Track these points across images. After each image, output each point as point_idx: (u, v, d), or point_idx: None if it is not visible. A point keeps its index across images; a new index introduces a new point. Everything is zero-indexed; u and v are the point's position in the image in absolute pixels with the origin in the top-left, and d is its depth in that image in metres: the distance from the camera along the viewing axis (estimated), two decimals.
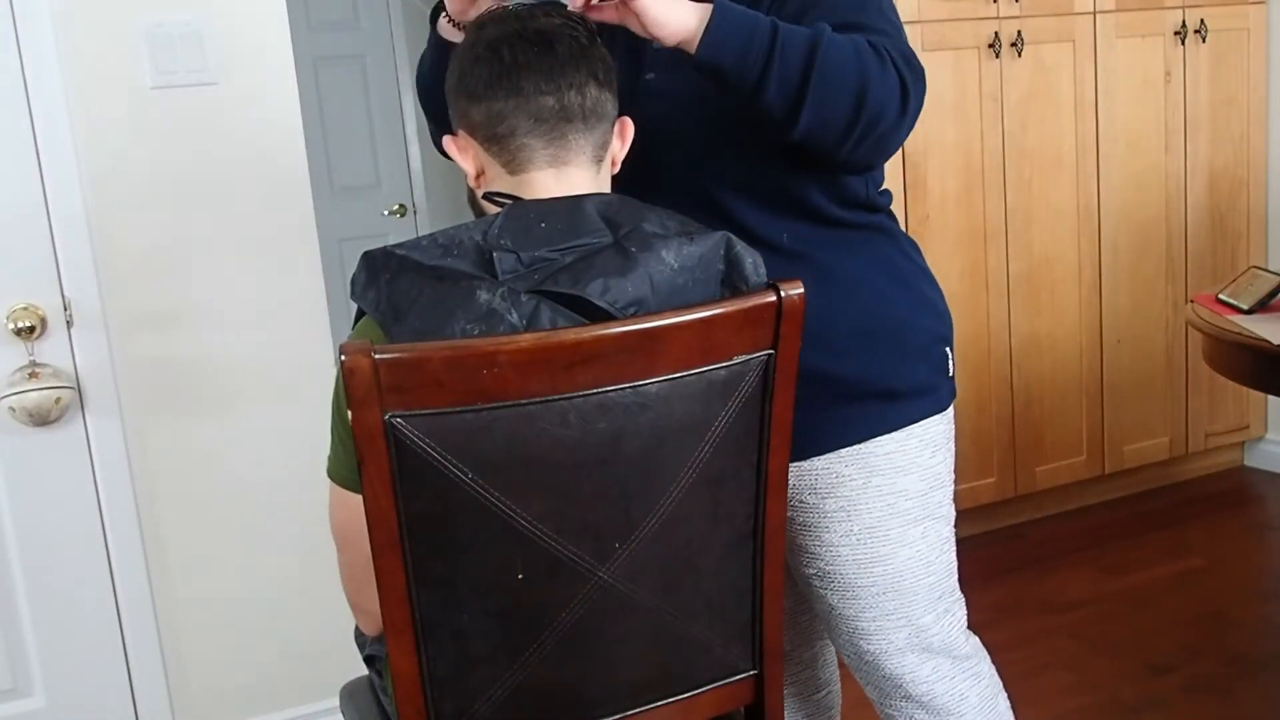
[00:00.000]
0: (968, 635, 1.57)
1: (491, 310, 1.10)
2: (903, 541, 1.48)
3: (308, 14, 4.22)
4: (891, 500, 1.47)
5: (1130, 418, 3.57)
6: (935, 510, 1.51)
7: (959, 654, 1.54)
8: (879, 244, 1.51)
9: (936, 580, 1.51)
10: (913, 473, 1.48)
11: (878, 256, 1.50)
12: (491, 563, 1.11)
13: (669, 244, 1.17)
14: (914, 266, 1.54)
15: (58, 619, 2.25)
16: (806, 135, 1.28)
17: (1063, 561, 3.25)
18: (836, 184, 1.44)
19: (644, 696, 1.22)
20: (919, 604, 1.50)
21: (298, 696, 2.43)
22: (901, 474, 1.47)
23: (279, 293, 2.31)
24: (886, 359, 1.47)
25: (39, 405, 2.10)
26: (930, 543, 1.50)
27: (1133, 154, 3.45)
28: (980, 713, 1.55)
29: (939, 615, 1.52)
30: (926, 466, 1.49)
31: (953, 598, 1.55)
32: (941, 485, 1.52)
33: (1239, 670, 2.59)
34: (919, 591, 1.49)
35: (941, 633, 1.52)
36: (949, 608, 1.53)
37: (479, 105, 1.23)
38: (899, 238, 1.54)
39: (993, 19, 3.17)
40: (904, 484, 1.47)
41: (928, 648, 1.51)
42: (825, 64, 1.24)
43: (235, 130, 2.24)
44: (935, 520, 1.51)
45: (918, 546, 1.49)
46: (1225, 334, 2.23)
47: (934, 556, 1.50)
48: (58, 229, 2.14)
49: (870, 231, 1.50)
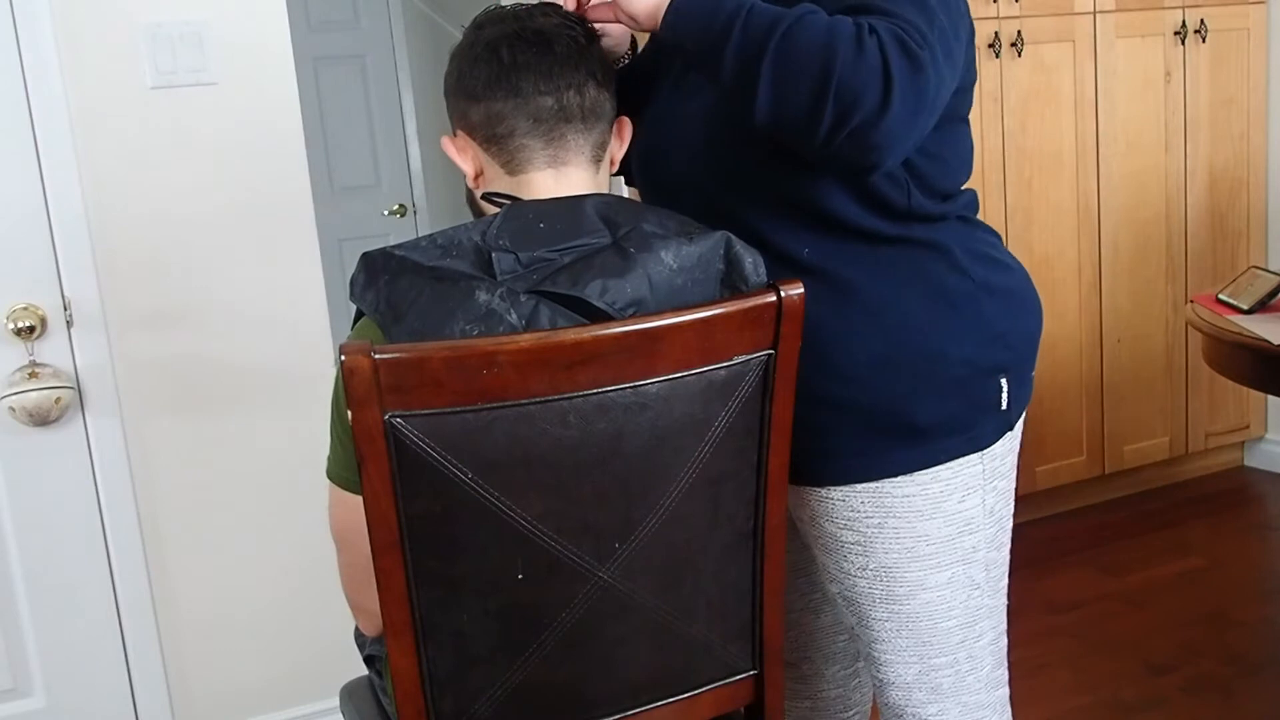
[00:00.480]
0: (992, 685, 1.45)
1: (491, 310, 1.10)
2: (923, 585, 1.37)
3: (308, 14, 4.22)
4: (910, 544, 1.35)
5: (1130, 418, 3.57)
6: (968, 556, 1.37)
7: (968, 701, 1.43)
8: (923, 260, 1.33)
9: (957, 626, 1.40)
10: (936, 518, 1.35)
11: (918, 274, 1.33)
12: (491, 563, 1.11)
13: (668, 244, 1.17)
14: (969, 284, 1.35)
15: (58, 619, 2.25)
16: (770, 120, 1.14)
17: (1063, 561, 3.24)
18: (866, 191, 1.29)
19: (644, 696, 1.22)
20: (933, 647, 1.40)
21: (298, 696, 2.43)
22: (922, 519, 1.35)
23: (279, 293, 2.31)
24: (908, 391, 1.32)
25: (39, 405, 2.10)
26: (955, 589, 1.38)
27: (1133, 154, 3.44)
28: None
29: (954, 660, 1.41)
30: (954, 511, 1.35)
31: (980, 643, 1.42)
32: (974, 530, 1.37)
33: (1239, 670, 2.59)
34: (936, 635, 1.39)
35: (954, 677, 1.41)
36: (973, 654, 1.41)
37: (478, 106, 1.23)
38: (955, 251, 1.35)
39: (993, 19, 3.17)
40: (924, 529, 1.35)
41: (936, 689, 1.42)
42: (786, 41, 1.11)
43: (235, 130, 2.24)
44: (966, 565, 1.38)
45: (940, 592, 1.37)
46: (1225, 334, 2.23)
47: (958, 602, 1.38)
48: (58, 229, 2.14)
49: (913, 246, 1.33)
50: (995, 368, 1.36)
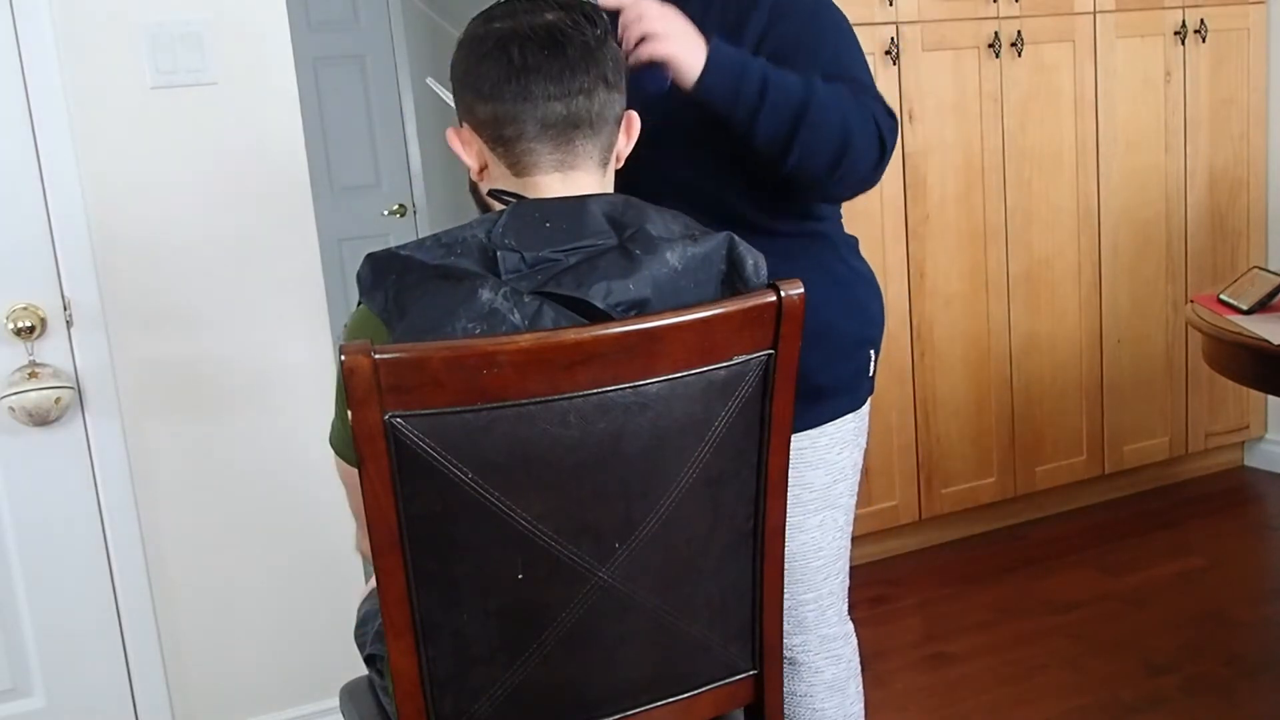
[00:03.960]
0: (844, 619, 1.70)
1: (494, 310, 1.10)
2: (800, 529, 1.60)
3: (308, 14, 4.21)
4: (796, 493, 1.56)
5: (1130, 418, 3.57)
6: (835, 501, 1.63)
7: (826, 633, 1.67)
8: (816, 250, 1.61)
9: (824, 564, 1.64)
10: (819, 468, 1.60)
11: (814, 261, 1.59)
12: (491, 563, 1.11)
13: (673, 246, 1.17)
14: (849, 271, 1.65)
15: (58, 619, 2.25)
16: (792, 174, 1.46)
17: (1062, 561, 3.25)
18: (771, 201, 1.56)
19: (644, 696, 1.22)
20: (802, 584, 1.62)
21: (298, 696, 2.43)
22: (809, 468, 1.59)
23: (279, 293, 2.31)
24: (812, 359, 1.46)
25: (39, 405, 2.10)
26: (825, 531, 1.63)
27: (1133, 154, 3.44)
28: (830, 688, 1.68)
29: (818, 596, 1.65)
30: (833, 462, 1.61)
31: (838, 580, 1.67)
32: (844, 478, 1.63)
33: (1239, 670, 2.59)
34: (806, 573, 1.62)
35: (816, 611, 1.65)
36: (833, 589, 1.66)
37: (486, 104, 1.21)
38: (838, 243, 1.65)
39: (993, 19, 3.17)
40: (810, 478, 1.59)
41: (801, 622, 1.64)
42: (813, 118, 1.41)
43: (235, 130, 2.24)
44: (834, 510, 1.63)
45: (812, 534, 1.61)
46: (1225, 334, 2.23)
47: (826, 542, 1.63)
48: (58, 229, 2.14)
49: (807, 239, 1.61)
50: (867, 340, 1.65)
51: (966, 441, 3.32)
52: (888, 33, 3.00)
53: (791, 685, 1.66)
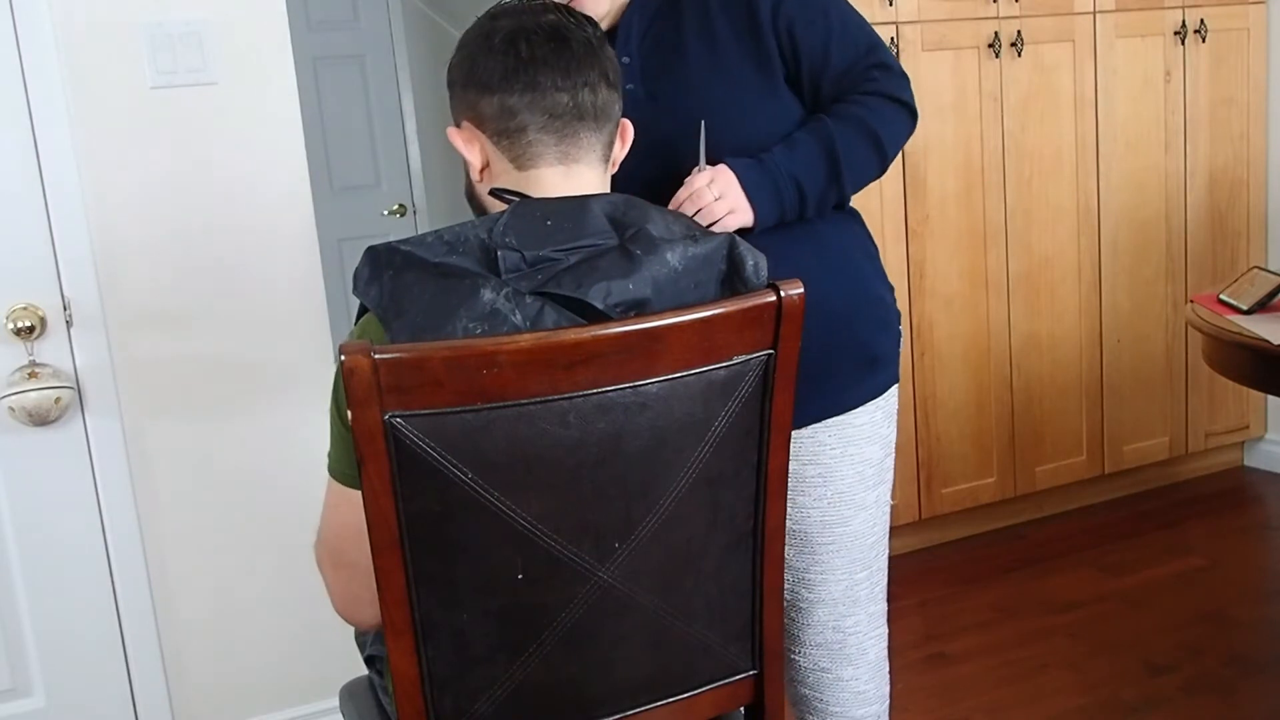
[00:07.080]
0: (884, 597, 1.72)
1: (495, 310, 1.10)
2: (863, 505, 1.64)
3: (307, 14, 4.22)
4: (860, 468, 1.62)
5: (1130, 418, 3.57)
6: (885, 475, 1.67)
7: (874, 610, 1.69)
8: (852, 225, 1.67)
9: (877, 539, 1.67)
10: (876, 442, 1.64)
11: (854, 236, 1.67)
12: (491, 563, 1.11)
13: (674, 247, 1.17)
14: (873, 245, 1.71)
15: (58, 619, 2.25)
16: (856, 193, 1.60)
17: (1062, 561, 3.25)
18: None
19: (644, 696, 1.22)
20: (859, 562, 1.65)
21: (298, 696, 2.43)
22: (869, 443, 1.63)
23: (279, 293, 2.31)
24: (864, 331, 1.62)
25: (39, 405, 2.10)
26: (880, 506, 1.66)
27: (1133, 154, 3.45)
28: (874, 669, 1.70)
29: (871, 572, 1.67)
30: (884, 437, 1.65)
31: (885, 555, 1.70)
32: (890, 452, 1.68)
33: (1239, 670, 2.59)
34: (863, 551, 1.65)
35: (869, 587, 1.67)
36: (881, 565, 1.69)
37: (491, 98, 1.22)
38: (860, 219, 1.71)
39: (993, 19, 3.17)
40: (869, 452, 1.63)
41: (855, 600, 1.66)
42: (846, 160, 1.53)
43: (235, 130, 2.24)
44: (884, 485, 1.67)
45: (871, 510, 1.65)
46: (1225, 334, 2.23)
47: (879, 517, 1.66)
48: (57, 229, 2.14)
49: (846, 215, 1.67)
50: (897, 314, 1.69)
51: (966, 441, 3.32)
52: (888, 33, 3.00)
53: (839, 670, 1.67)
